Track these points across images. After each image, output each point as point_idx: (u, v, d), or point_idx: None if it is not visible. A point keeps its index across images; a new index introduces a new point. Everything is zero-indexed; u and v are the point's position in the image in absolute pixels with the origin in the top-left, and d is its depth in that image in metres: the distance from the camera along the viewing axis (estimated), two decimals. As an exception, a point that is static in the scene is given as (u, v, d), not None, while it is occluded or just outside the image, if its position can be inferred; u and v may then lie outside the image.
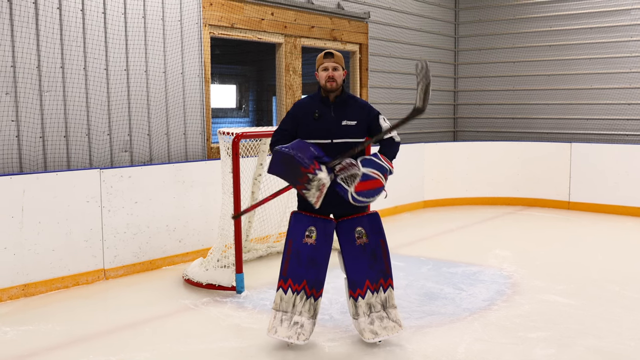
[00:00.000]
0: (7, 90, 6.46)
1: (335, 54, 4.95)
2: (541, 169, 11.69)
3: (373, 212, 5.07)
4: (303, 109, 5.00)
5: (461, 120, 13.33)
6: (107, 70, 7.28)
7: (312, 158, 4.64)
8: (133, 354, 4.98)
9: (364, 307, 5.01)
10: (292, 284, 4.94)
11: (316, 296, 4.97)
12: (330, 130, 4.89)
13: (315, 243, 4.91)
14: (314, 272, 4.93)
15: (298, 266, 4.92)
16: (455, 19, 13.17)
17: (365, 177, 4.75)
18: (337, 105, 4.96)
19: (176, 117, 7.97)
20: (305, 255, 4.91)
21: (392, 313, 5.08)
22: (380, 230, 5.05)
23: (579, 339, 5.23)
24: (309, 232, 4.92)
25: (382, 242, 5.04)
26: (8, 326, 5.60)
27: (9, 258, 6.30)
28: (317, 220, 4.94)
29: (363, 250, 4.98)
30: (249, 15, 8.81)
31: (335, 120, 4.91)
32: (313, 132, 4.90)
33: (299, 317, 4.97)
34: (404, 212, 11.31)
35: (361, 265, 4.98)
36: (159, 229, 7.50)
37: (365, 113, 5.01)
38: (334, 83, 4.91)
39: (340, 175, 4.70)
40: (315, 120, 4.91)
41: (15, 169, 6.54)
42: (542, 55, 12.20)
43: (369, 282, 4.99)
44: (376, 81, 11.22)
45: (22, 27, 6.53)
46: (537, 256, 8.07)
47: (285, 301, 4.97)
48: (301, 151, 4.64)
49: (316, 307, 4.99)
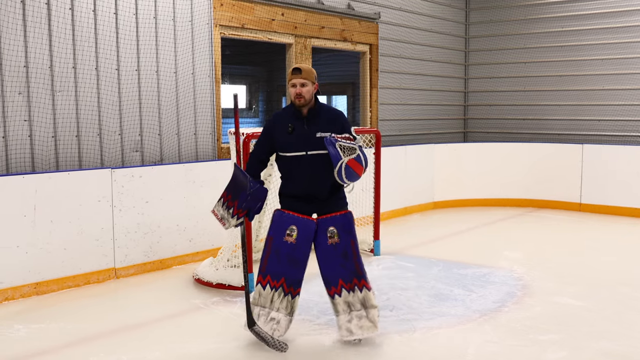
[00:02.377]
0: (20, 90, 6.49)
1: (304, 69, 4.99)
2: (552, 170, 11.65)
3: (346, 212, 5.13)
4: (277, 123, 5.10)
5: (471, 121, 13.30)
6: (119, 71, 7.30)
7: (247, 207, 4.91)
8: (143, 353, 5.00)
9: (343, 305, 5.08)
10: (271, 280, 5.04)
11: (294, 294, 5.07)
12: (305, 142, 4.97)
13: (295, 242, 5.00)
14: (293, 270, 5.02)
15: (277, 263, 5.01)
16: (466, 20, 13.15)
17: (358, 159, 4.87)
18: (310, 118, 5.03)
19: (187, 117, 7.99)
20: (284, 254, 5.00)
21: (370, 313, 5.12)
22: (351, 230, 5.09)
23: (591, 342, 5.22)
24: (290, 231, 5.01)
25: (352, 243, 5.08)
26: (20, 324, 5.63)
27: (21, 256, 6.33)
28: (299, 219, 5.02)
29: (334, 249, 5.03)
30: (260, 16, 8.82)
31: (309, 133, 4.98)
32: (288, 145, 5.00)
33: (276, 313, 5.07)
34: (413, 213, 11.30)
35: (333, 264, 5.04)
36: (170, 228, 7.52)
37: (338, 124, 5.06)
38: (302, 99, 4.97)
39: (341, 142, 4.83)
40: (290, 134, 5.00)
41: (27, 168, 6.57)
42: (553, 56, 12.16)
43: (342, 281, 5.05)
44: (386, 82, 11.21)
45: (34, 27, 6.56)
46: (548, 258, 8.05)
47: (264, 297, 5.07)
48: (253, 197, 4.92)
49: (293, 305, 5.09)
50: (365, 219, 8.68)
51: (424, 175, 11.58)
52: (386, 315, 5.80)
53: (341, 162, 4.80)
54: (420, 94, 12.05)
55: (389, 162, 9.93)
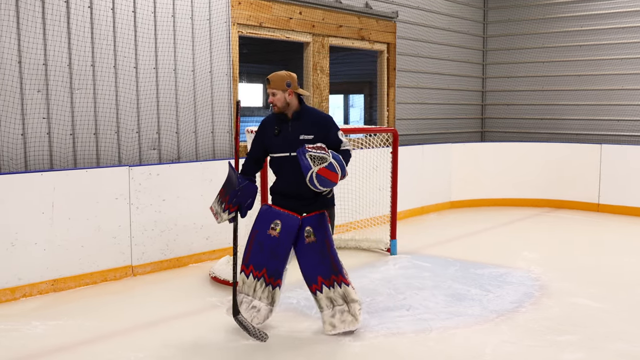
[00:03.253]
0: (39, 88, 6.53)
1: (272, 79, 5.29)
2: (570, 171, 11.58)
3: (321, 212, 5.33)
4: (265, 126, 5.44)
5: (489, 121, 13.25)
6: (137, 69, 7.33)
7: (238, 203, 5.22)
8: (160, 350, 5.01)
9: (325, 301, 5.29)
10: (254, 270, 5.31)
11: (274, 285, 5.31)
12: (289, 144, 5.26)
13: (278, 236, 5.25)
14: (274, 262, 5.27)
15: (260, 254, 5.28)
16: (484, 19, 13.09)
17: (330, 167, 5.06)
18: (294, 121, 5.32)
19: (204, 116, 8.01)
20: (267, 246, 5.26)
21: (352, 307, 5.30)
22: (325, 229, 5.29)
23: (608, 343, 5.18)
24: (274, 225, 5.27)
25: (327, 242, 5.27)
26: (37, 320, 5.66)
27: (39, 253, 6.37)
28: (283, 214, 5.28)
29: (311, 248, 5.25)
30: (277, 14, 8.82)
31: (293, 135, 5.27)
32: (274, 147, 5.33)
33: (258, 302, 5.35)
34: (430, 212, 11.27)
35: (311, 262, 5.27)
36: (187, 226, 7.54)
37: (322, 127, 5.33)
38: (275, 107, 5.30)
39: (311, 152, 5.03)
40: (276, 136, 5.32)
41: (46, 165, 6.61)
42: (572, 56, 12.08)
43: (321, 277, 5.26)
44: (404, 81, 11.18)
45: (53, 25, 6.60)
46: (566, 258, 8.00)
47: (248, 285, 5.35)
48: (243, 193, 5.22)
49: (274, 296, 5.34)
50: (382, 218, 8.67)
51: (441, 175, 11.55)
52: (403, 315, 5.79)
53: (311, 172, 5.00)
54: (437, 93, 12.01)
55: (406, 162, 9.91)
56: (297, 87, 5.36)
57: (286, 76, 5.32)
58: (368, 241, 8.41)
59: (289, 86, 5.28)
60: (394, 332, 5.38)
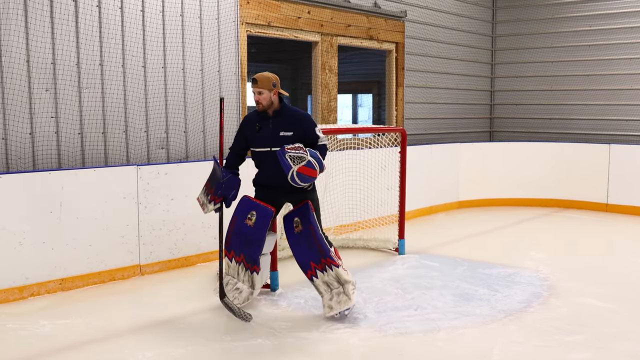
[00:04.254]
0: (47, 87, 6.54)
1: (260, 79, 5.69)
2: (579, 171, 11.54)
3: (305, 203, 5.75)
4: (247, 123, 5.91)
5: (498, 120, 13.22)
6: (145, 68, 7.34)
7: (223, 195, 5.69)
8: (167, 350, 5.02)
9: (323, 286, 5.71)
10: (235, 255, 5.83)
11: (252, 270, 5.82)
12: (269, 140, 5.72)
13: (253, 225, 5.70)
14: (249, 250, 5.75)
15: (237, 241, 5.78)
16: (493, 18, 13.06)
17: (309, 164, 5.43)
18: (274, 118, 5.77)
19: (212, 115, 8.01)
20: (243, 234, 5.74)
21: (346, 288, 5.68)
22: (310, 217, 5.69)
23: (616, 343, 5.16)
24: (250, 215, 5.73)
25: (311, 227, 5.68)
26: (45, 319, 5.67)
27: (47, 252, 6.38)
28: (259, 206, 5.73)
29: (300, 236, 5.72)
30: (286, 14, 8.82)
31: (273, 132, 5.73)
32: (255, 142, 5.81)
33: (241, 284, 5.88)
34: (438, 212, 11.25)
35: (302, 250, 5.73)
36: (195, 225, 7.54)
37: (301, 125, 5.75)
38: (260, 105, 5.73)
39: (290, 153, 5.39)
40: (257, 132, 5.78)
41: (54, 164, 6.62)
42: (580, 55, 12.05)
43: (313, 263, 5.69)
44: (412, 80, 11.17)
45: (62, 24, 6.61)
46: (574, 258, 7.98)
47: (232, 268, 5.88)
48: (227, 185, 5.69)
49: (253, 280, 5.84)
50: (390, 218, 8.66)
51: (450, 175, 11.53)
52: (411, 315, 5.79)
53: (292, 171, 5.38)
54: (446, 92, 11.99)
55: (414, 161, 9.89)
56: (280, 87, 5.80)
57: (272, 77, 5.72)
58: (376, 241, 8.41)
59: (274, 86, 5.71)
60: (402, 331, 5.38)
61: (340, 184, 8.39)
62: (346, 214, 8.62)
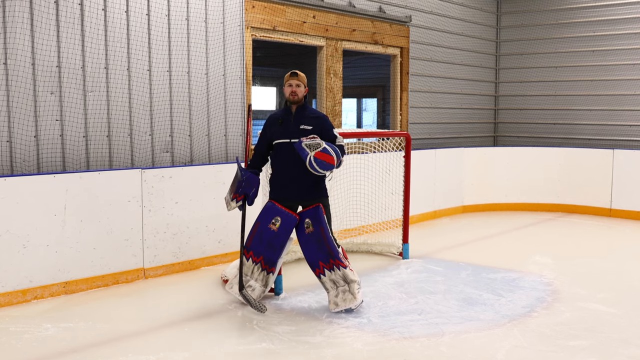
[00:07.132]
0: (52, 90, 6.55)
1: (300, 74, 6.12)
2: (582, 176, 11.53)
3: (317, 205, 6.03)
4: (271, 119, 6.24)
5: (502, 125, 13.22)
6: (150, 71, 7.35)
7: (244, 192, 6.02)
8: (171, 354, 5.01)
9: (330, 283, 6.02)
10: (254, 256, 6.08)
11: (269, 271, 6.09)
12: (290, 132, 6.05)
13: (277, 230, 6.00)
14: (270, 252, 6.05)
15: (259, 244, 6.06)
16: (497, 24, 13.07)
17: (325, 150, 5.74)
18: (297, 113, 6.12)
19: (217, 119, 8.02)
20: (266, 238, 6.03)
21: (351, 287, 5.99)
22: (321, 220, 5.98)
23: (621, 348, 5.15)
24: (274, 220, 6.02)
25: (322, 230, 5.97)
26: (49, 323, 5.67)
27: (51, 255, 6.39)
28: (283, 212, 6.01)
29: (311, 237, 6.00)
30: (291, 18, 8.83)
31: (295, 125, 6.07)
32: (277, 134, 6.10)
33: (254, 282, 6.11)
34: (442, 216, 11.24)
35: (311, 249, 6.01)
36: (199, 229, 7.55)
37: (320, 122, 6.11)
38: (296, 96, 6.09)
39: (306, 142, 5.71)
40: (280, 125, 6.11)
41: (58, 167, 6.63)
42: (584, 61, 12.05)
43: (322, 262, 6.00)
44: (417, 85, 11.17)
45: (67, 28, 6.63)
46: (578, 263, 7.97)
47: (247, 266, 6.10)
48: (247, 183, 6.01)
49: (268, 279, 6.11)
50: (394, 222, 8.67)
51: (454, 179, 11.53)
52: (415, 319, 5.78)
53: (309, 156, 5.70)
54: (450, 97, 11.99)
55: (418, 166, 9.89)
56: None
57: (305, 77, 6.17)
58: (380, 245, 8.40)
59: (306, 85, 6.15)
60: (406, 336, 5.37)
61: (345, 188, 8.38)
62: (350, 218, 8.62)
